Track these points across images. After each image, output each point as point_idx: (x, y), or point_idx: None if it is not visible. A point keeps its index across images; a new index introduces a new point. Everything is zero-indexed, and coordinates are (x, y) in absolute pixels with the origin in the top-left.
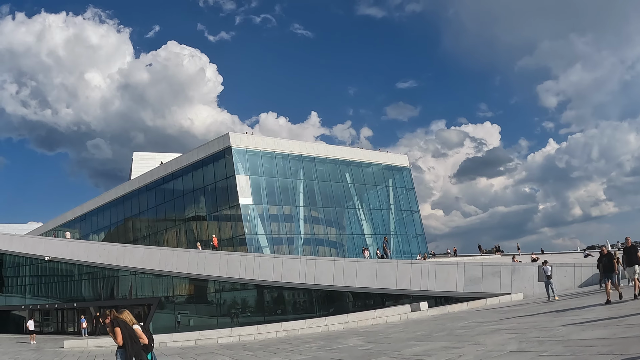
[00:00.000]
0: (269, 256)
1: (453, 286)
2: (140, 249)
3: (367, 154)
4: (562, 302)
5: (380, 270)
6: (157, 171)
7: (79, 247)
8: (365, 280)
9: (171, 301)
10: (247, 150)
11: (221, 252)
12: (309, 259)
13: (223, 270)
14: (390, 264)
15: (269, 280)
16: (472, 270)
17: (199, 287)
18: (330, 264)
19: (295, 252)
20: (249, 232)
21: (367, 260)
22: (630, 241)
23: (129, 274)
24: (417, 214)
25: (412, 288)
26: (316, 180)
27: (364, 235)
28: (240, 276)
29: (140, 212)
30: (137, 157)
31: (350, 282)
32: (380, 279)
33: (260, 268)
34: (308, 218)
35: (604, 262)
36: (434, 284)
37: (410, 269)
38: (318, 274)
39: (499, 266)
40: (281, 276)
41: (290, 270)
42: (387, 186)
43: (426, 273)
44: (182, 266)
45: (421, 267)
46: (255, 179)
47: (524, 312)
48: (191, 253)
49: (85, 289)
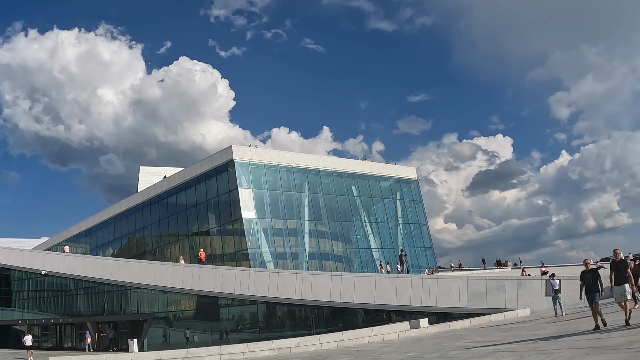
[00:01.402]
0: (264, 271)
1: (455, 302)
2: (135, 264)
3: (374, 167)
4: (569, 319)
5: (379, 285)
6: (160, 185)
7: (75, 262)
8: (364, 296)
9: (166, 317)
10: (251, 163)
11: (216, 266)
12: (305, 273)
13: (218, 286)
14: (390, 279)
15: (264, 295)
16: (475, 285)
17: (194, 302)
18: (327, 279)
19: (300, 266)
20: (252, 247)
21: (365, 274)
22: (621, 255)
23: (125, 288)
24: (426, 227)
25: (413, 304)
26: (321, 193)
27: (370, 250)
28: (235, 291)
29: (144, 227)
30: (144, 172)
31: (348, 298)
32: (380, 295)
33: (256, 283)
34: (313, 232)
35: (587, 279)
36: (436, 300)
37: (411, 284)
38: (315, 289)
39: (504, 280)
40: (277, 291)
41: (286, 285)
42: (395, 199)
43: (427, 288)
44: (177, 281)
45: (422, 281)
46: (258, 193)
47: (528, 329)
48: (186, 268)
49: (82, 304)
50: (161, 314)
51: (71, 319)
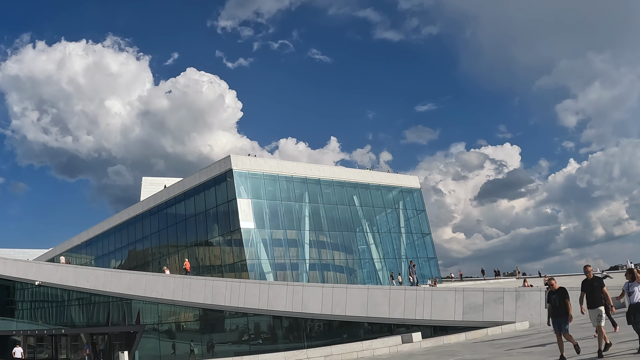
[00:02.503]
0: (254, 282)
1: (451, 314)
2: (126, 275)
3: (376, 176)
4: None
5: (371, 297)
6: (160, 195)
7: (68, 272)
8: (356, 309)
9: (157, 329)
10: (249, 173)
11: (206, 278)
12: (296, 285)
13: (208, 297)
14: (383, 291)
15: (254, 308)
16: (471, 297)
17: (185, 314)
18: (318, 291)
19: (300, 277)
20: (251, 258)
21: (357, 286)
22: (592, 272)
23: (117, 299)
24: (429, 237)
25: (406, 317)
26: (322, 203)
27: (372, 260)
28: (225, 303)
29: (144, 237)
30: (146, 182)
31: (340, 311)
32: (372, 307)
33: (246, 295)
34: (314, 242)
35: (553, 301)
36: (430, 313)
37: (404, 296)
38: (305, 302)
39: (502, 292)
40: (267, 304)
41: (276, 297)
42: (397, 209)
43: (421, 300)
44: (168, 293)
45: (416, 293)
46: (257, 203)
47: (523, 344)
48: (176, 279)
49: (75, 315)
50: (152, 325)
51: (64, 329)
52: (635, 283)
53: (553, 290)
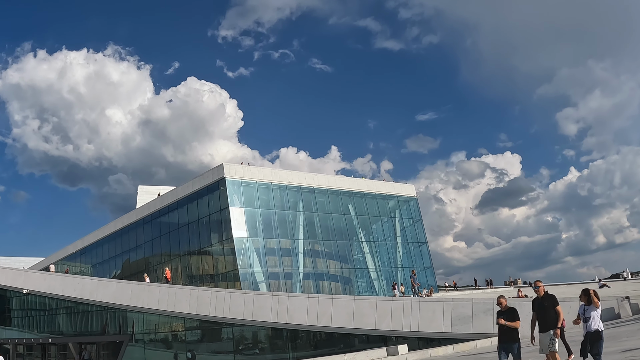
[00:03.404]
0: (239, 292)
1: (439, 326)
2: (113, 284)
3: (371, 184)
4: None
5: (357, 308)
6: (153, 204)
7: (56, 281)
8: (342, 320)
9: (142, 338)
10: (242, 181)
11: (192, 287)
12: (281, 295)
13: (193, 307)
14: (369, 301)
15: (239, 318)
16: (460, 308)
17: (171, 324)
18: (303, 301)
19: (294, 287)
20: (243, 267)
21: (343, 297)
22: (543, 289)
23: (104, 309)
24: (425, 246)
25: (393, 328)
26: (316, 212)
27: (368, 269)
28: (210, 313)
29: (138, 246)
30: (142, 191)
31: (325, 322)
32: (358, 318)
33: (231, 305)
34: (308, 252)
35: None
36: (418, 324)
37: (391, 307)
38: (291, 312)
39: (492, 303)
40: (252, 314)
41: (261, 307)
42: (394, 217)
43: (409, 312)
44: (153, 302)
45: (403, 304)
46: (250, 211)
47: None
48: (162, 288)
49: (63, 324)
50: (138, 335)
51: (50, 338)
52: (592, 307)
53: (502, 310)
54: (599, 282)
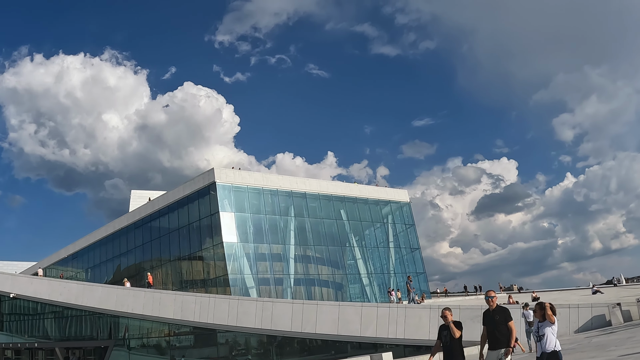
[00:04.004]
0: (224, 297)
1: (425, 333)
2: (98, 288)
3: (363, 190)
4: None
5: (342, 315)
6: (144, 208)
7: (42, 285)
8: (326, 326)
9: (127, 344)
10: (233, 186)
11: (176, 292)
12: (265, 301)
13: (178, 313)
14: (354, 308)
15: (223, 323)
16: None
17: (156, 329)
18: (288, 307)
19: (285, 293)
20: (233, 272)
21: (329, 303)
22: (496, 300)
23: (90, 313)
24: (418, 252)
25: (379, 335)
26: (308, 217)
27: (360, 275)
28: (194, 319)
29: (129, 251)
30: (135, 195)
31: (310, 328)
32: (343, 325)
33: (215, 311)
34: (299, 257)
35: (444, 339)
36: (404, 331)
37: (377, 314)
38: (275, 318)
39: (479, 309)
40: (236, 320)
41: (246, 313)
42: (386, 223)
43: (394, 319)
44: (138, 307)
45: (389, 311)
46: (241, 216)
47: None
48: (147, 293)
49: (50, 328)
50: (123, 340)
51: (37, 343)
52: (547, 323)
53: (444, 325)
54: (592, 288)
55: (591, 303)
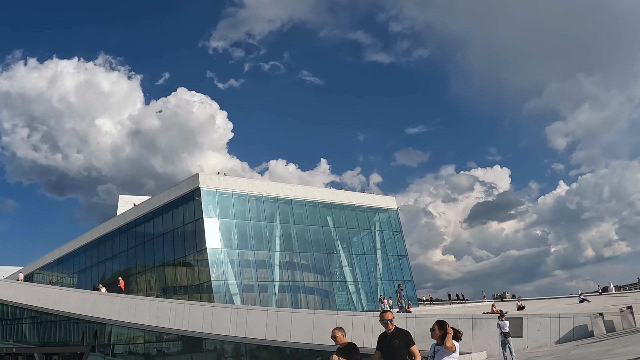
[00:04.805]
0: (198, 304)
1: None
2: (75, 294)
3: (350, 196)
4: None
5: (317, 323)
6: (130, 213)
7: (20, 290)
8: (301, 335)
9: (102, 350)
10: (218, 191)
11: (152, 298)
12: (240, 308)
13: (153, 319)
14: (329, 316)
15: (198, 331)
16: (424, 324)
17: (132, 335)
18: (262, 315)
19: (269, 299)
20: (217, 279)
21: (303, 310)
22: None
23: (67, 319)
24: (406, 259)
25: None
26: (293, 223)
27: (346, 282)
28: (169, 326)
29: (114, 256)
30: (123, 201)
31: (285, 336)
32: (318, 334)
33: (190, 317)
34: (284, 264)
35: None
36: None
37: (352, 322)
38: (250, 326)
39: (457, 319)
40: (211, 327)
41: (220, 320)
42: (374, 230)
43: (370, 327)
44: (114, 313)
45: (364, 319)
46: (225, 222)
47: None
48: (122, 299)
49: (29, 333)
50: (99, 346)
51: (14, 348)
52: (443, 350)
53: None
54: (579, 297)
55: (573, 313)
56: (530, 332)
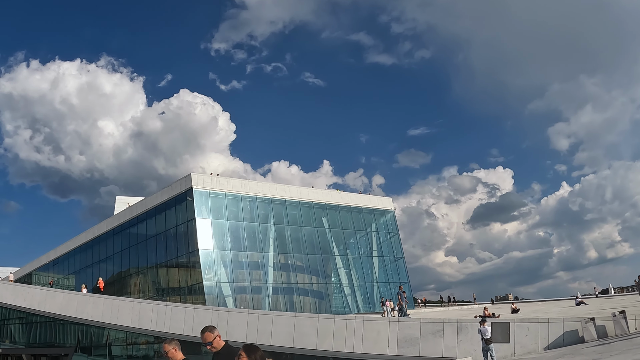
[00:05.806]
0: (180, 306)
1: (384, 348)
2: (60, 294)
3: (346, 197)
4: None
5: (298, 326)
6: (123, 214)
7: (7, 290)
8: (281, 339)
9: (87, 352)
10: (211, 192)
11: (134, 300)
12: (221, 310)
13: (135, 321)
14: (311, 320)
15: (179, 333)
16: (407, 329)
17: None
18: (243, 317)
19: (263, 302)
20: (209, 280)
21: (285, 314)
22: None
23: (52, 320)
24: (402, 261)
25: (335, 349)
26: (288, 224)
27: (341, 284)
28: (151, 327)
29: (107, 257)
30: (120, 202)
31: (265, 340)
32: (299, 338)
33: (172, 319)
34: (277, 265)
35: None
36: (361, 345)
37: (334, 326)
38: (230, 329)
39: (442, 324)
40: (192, 329)
41: (201, 323)
42: (370, 231)
43: (352, 332)
44: (97, 315)
45: (346, 323)
46: (218, 223)
47: None
48: (106, 300)
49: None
50: (82, 347)
51: (1, 349)
52: None
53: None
54: (576, 299)
55: (563, 318)
56: (518, 337)
